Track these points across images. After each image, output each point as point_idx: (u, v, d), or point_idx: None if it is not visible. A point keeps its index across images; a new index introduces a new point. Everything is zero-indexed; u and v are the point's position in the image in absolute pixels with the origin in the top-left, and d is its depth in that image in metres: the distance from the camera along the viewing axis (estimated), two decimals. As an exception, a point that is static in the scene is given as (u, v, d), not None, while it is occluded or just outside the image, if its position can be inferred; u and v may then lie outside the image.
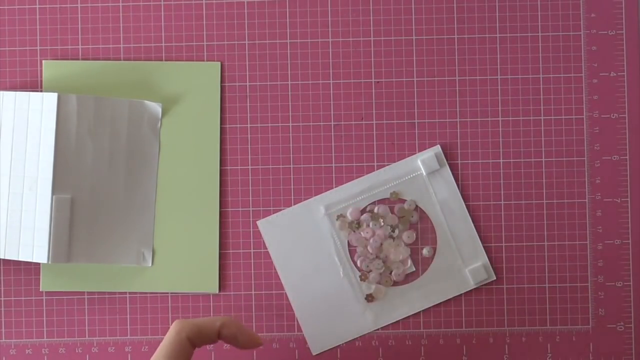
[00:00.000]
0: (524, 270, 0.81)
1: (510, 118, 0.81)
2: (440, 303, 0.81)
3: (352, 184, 0.81)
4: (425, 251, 0.80)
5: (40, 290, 0.81)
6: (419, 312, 0.81)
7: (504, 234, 0.81)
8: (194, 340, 0.68)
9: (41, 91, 0.81)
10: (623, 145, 0.81)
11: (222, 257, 0.81)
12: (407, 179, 0.81)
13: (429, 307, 0.81)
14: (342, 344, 0.81)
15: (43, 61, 0.81)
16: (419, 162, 0.81)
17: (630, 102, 0.81)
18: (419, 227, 0.81)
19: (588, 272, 0.81)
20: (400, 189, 0.81)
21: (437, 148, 0.81)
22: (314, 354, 0.81)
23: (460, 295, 0.81)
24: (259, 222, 0.81)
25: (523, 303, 0.81)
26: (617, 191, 0.81)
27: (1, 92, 0.79)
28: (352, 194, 0.81)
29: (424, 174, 0.81)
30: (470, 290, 0.81)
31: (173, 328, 0.68)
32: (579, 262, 0.81)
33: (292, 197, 0.81)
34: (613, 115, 0.81)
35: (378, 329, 0.81)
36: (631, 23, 0.81)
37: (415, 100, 0.81)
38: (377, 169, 0.81)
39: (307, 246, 0.80)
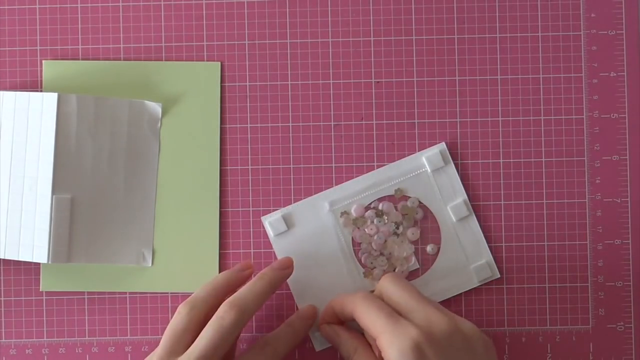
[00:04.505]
0: (524, 270, 0.81)
1: (510, 118, 0.81)
2: (441, 303, 0.81)
3: (356, 180, 0.81)
4: (429, 248, 0.80)
5: (40, 290, 0.81)
6: (420, 311, 0.81)
7: (504, 234, 0.81)
8: None
9: (41, 91, 0.81)
10: (623, 145, 0.81)
11: (222, 257, 0.81)
12: (411, 176, 0.81)
13: (430, 307, 0.81)
14: (343, 343, 0.81)
15: (43, 61, 0.81)
16: (424, 159, 0.81)
17: (630, 102, 0.81)
18: (423, 224, 0.81)
19: (588, 272, 0.81)
20: (404, 185, 0.81)
21: (442, 145, 0.81)
22: (317, 349, 0.81)
23: (460, 294, 0.81)
24: (263, 218, 0.81)
25: (523, 303, 0.81)
26: (617, 191, 0.81)
27: (1, 92, 0.79)
28: (356, 190, 0.81)
29: (429, 170, 0.81)
30: (470, 290, 0.81)
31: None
32: (579, 262, 0.81)
33: (292, 197, 0.81)
34: (613, 115, 0.81)
35: (378, 329, 0.81)
36: (631, 23, 0.81)
37: (416, 100, 0.81)
38: (377, 169, 0.81)
39: (312, 242, 0.80)
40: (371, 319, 0.71)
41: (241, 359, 0.73)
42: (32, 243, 0.77)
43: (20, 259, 0.78)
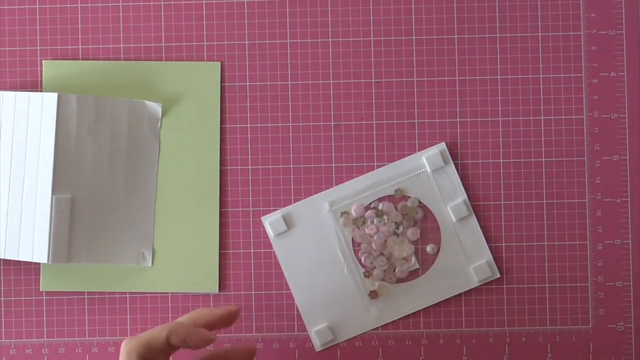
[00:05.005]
0: (524, 270, 0.81)
1: (510, 118, 0.81)
2: (441, 303, 0.81)
3: (356, 180, 0.81)
4: (429, 248, 0.80)
5: (40, 290, 0.81)
6: (420, 311, 0.81)
7: (504, 233, 0.81)
8: (147, 357, 0.67)
9: (41, 91, 0.81)
10: (623, 145, 0.81)
11: (222, 257, 0.81)
12: (411, 176, 0.81)
13: (429, 307, 0.81)
14: (343, 342, 0.81)
15: (43, 61, 0.81)
16: (424, 159, 0.81)
17: (630, 102, 0.81)
18: (423, 224, 0.81)
19: (588, 272, 0.81)
20: (404, 185, 0.81)
21: (442, 145, 0.81)
22: (317, 350, 0.81)
23: (461, 294, 0.81)
24: (263, 218, 0.81)
25: (523, 303, 0.81)
26: (617, 191, 0.81)
27: (1, 92, 0.79)
28: (356, 190, 0.81)
29: (429, 170, 0.81)
30: (471, 290, 0.81)
31: (123, 349, 0.67)
32: (579, 262, 0.81)
33: (292, 197, 0.81)
34: (613, 115, 0.81)
35: (378, 328, 0.81)
36: (631, 23, 0.81)
37: (415, 100, 0.81)
38: (377, 169, 0.81)
39: (312, 242, 0.80)
40: None
41: None
42: (32, 243, 0.77)
43: (20, 259, 0.78)
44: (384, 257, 0.80)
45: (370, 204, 0.81)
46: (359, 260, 0.81)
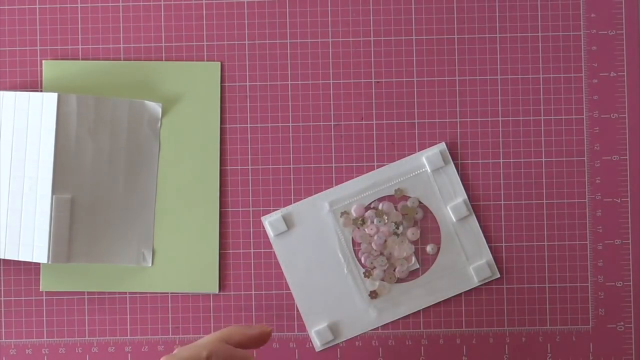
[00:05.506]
0: (524, 270, 0.81)
1: (510, 118, 0.81)
2: (441, 303, 0.81)
3: (356, 180, 0.81)
4: (429, 248, 0.80)
5: (40, 290, 0.81)
6: (420, 311, 0.81)
7: (504, 233, 0.81)
8: None
9: (41, 91, 0.81)
10: (623, 145, 0.81)
11: (222, 257, 0.81)
12: (411, 176, 0.81)
13: (429, 307, 0.81)
14: (343, 342, 0.81)
15: (43, 61, 0.81)
16: (424, 159, 0.81)
17: (630, 102, 0.81)
18: (423, 224, 0.81)
19: (588, 272, 0.81)
20: (404, 185, 0.81)
21: (442, 145, 0.81)
22: (317, 350, 0.81)
23: (461, 294, 0.81)
24: (263, 218, 0.81)
25: (523, 303, 0.81)
26: (617, 191, 0.81)
27: (1, 92, 0.79)
28: (356, 190, 0.81)
29: (429, 170, 0.81)
30: (471, 290, 0.81)
31: None
32: (579, 262, 0.81)
33: (292, 197, 0.81)
34: (613, 115, 0.81)
35: (378, 328, 0.81)
36: (631, 23, 0.81)
37: (415, 100, 0.81)
38: (377, 169, 0.81)
39: (312, 242, 0.80)
40: None
41: None
42: (32, 243, 0.77)
43: (20, 259, 0.78)
44: (384, 257, 0.80)
45: (370, 204, 0.81)
46: (359, 260, 0.81)
